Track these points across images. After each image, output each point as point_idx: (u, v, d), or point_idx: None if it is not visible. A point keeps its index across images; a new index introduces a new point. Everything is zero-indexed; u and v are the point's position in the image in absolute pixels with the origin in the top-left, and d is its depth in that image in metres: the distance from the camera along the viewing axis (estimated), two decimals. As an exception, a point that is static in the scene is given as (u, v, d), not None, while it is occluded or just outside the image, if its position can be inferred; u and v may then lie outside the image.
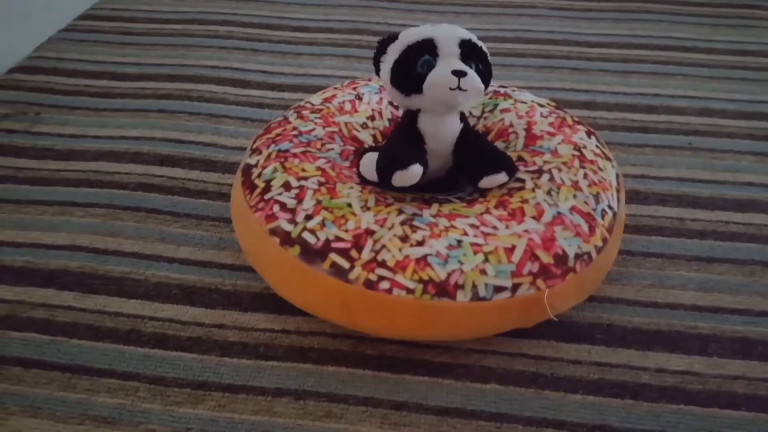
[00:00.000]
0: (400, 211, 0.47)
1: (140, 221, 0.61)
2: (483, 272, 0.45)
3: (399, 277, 0.44)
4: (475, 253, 0.45)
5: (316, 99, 0.60)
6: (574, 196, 0.49)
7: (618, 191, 0.53)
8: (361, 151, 0.55)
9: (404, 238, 0.45)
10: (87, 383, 0.47)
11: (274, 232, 0.47)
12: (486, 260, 0.45)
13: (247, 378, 0.48)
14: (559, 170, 0.51)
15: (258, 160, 0.53)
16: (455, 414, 0.45)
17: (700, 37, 0.93)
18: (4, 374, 0.47)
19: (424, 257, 0.45)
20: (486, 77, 0.49)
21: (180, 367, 0.48)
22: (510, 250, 0.45)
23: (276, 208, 0.48)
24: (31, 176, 0.66)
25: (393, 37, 0.50)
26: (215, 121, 0.75)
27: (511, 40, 0.93)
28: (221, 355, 0.49)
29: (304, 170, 0.50)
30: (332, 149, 0.54)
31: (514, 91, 0.61)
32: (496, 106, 0.59)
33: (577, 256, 0.47)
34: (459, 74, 0.46)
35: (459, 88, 0.46)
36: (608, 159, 0.55)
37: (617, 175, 0.54)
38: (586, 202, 0.49)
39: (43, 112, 0.76)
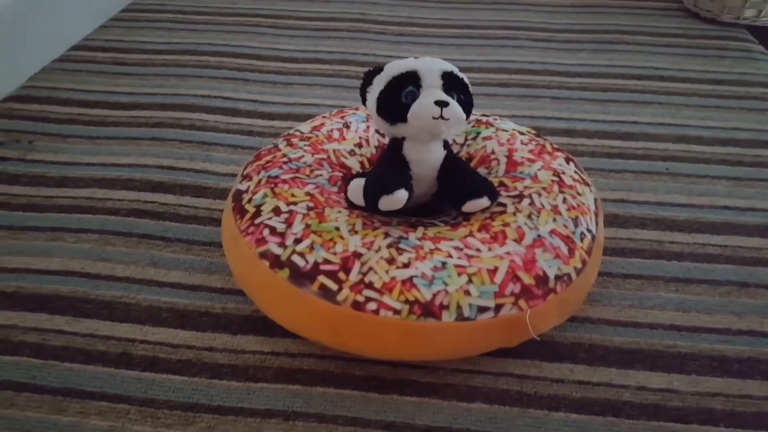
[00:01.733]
0: (386, 235, 0.49)
1: (132, 246, 0.62)
2: (467, 293, 0.46)
3: (386, 299, 0.45)
4: (459, 274, 0.46)
5: (305, 127, 0.62)
6: (554, 220, 0.51)
7: (596, 215, 0.55)
8: (348, 177, 0.57)
9: (391, 261, 0.47)
10: (78, 406, 0.47)
11: (263, 255, 0.49)
12: (470, 281, 0.46)
13: (236, 400, 0.48)
14: (539, 195, 0.53)
15: (248, 186, 0.54)
16: (442, 433, 0.46)
17: (676, 67, 0.97)
18: (-4, 398, 0.48)
19: (410, 279, 0.46)
20: (467, 107, 0.51)
21: (170, 389, 0.49)
22: (493, 272, 0.47)
23: (266, 232, 0.50)
24: (24, 203, 0.67)
25: (378, 69, 0.52)
26: (206, 148, 0.77)
27: (493, 70, 0.96)
28: (211, 378, 0.50)
29: (293, 195, 0.52)
30: (321, 175, 0.56)
31: (495, 119, 0.64)
32: (478, 134, 0.62)
33: (558, 278, 0.49)
34: (441, 104, 0.48)
35: (441, 117, 0.48)
36: (586, 184, 0.57)
37: (595, 200, 0.56)
38: (565, 226, 0.51)
39: (37, 140, 0.78)
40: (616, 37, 1.06)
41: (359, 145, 0.61)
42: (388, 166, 0.51)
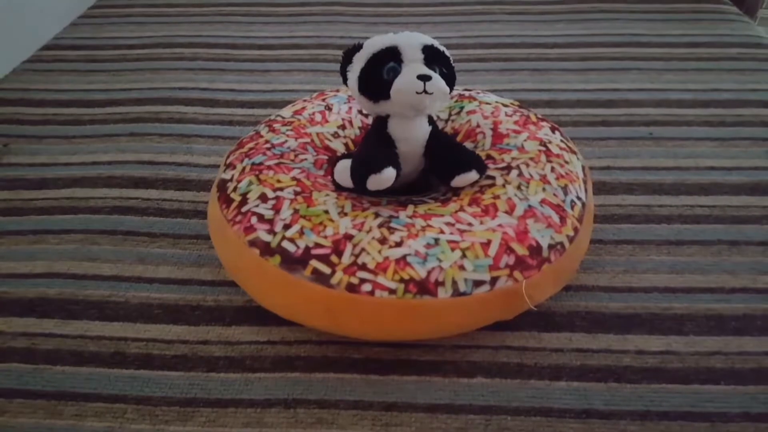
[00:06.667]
0: (376, 215, 0.48)
1: (117, 244, 0.61)
2: (462, 268, 0.45)
3: (380, 279, 0.45)
4: (453, 249, 0.46)
5: (286, 112, 0.61)
6: (543, 189, 0.51)
7: (585, 182, 0.55)
8: (334, 159, 0.56)
9: (383, 240, 0.46)
10: (73, 409, 0.46)
11: (253, 243, 0.48)
12: (464, 256, 0.46)
13: (235, 391, 0.48)
14: (527, 165, 0.53)
15: (233, 175, 0.53)
16: (445, 410, 0.46)
17: (653, 32, 0.97)
18: (-13, 407, 0.47)
19: (404, 257, 0.45)
20: (450, 80, 0.50)
21: (167, 385, 0.48)
22: (486, 245, 0.47)
23: (254, 219, 0.49)
24: (2, 207, 0.66)
25: (358, 47, 0.51)
26: (186, 141, 0.75)
27: (472, 46, 0.95)
28: (208, 371, 0.49)
29: (279, 181, 0.51)
30: (306, 159, 0.55)
31: (478, 93, 0.63)
32: (462, 108, 0.61)
33: (551, 247, 0.48)
34: (424, 78, 0.47)
35: (425, 91, 0.47)
36: (573, 152, 0.56)
37: (583, 167, 0.56)
38: (555, 195, 0.51)
39: (12, 143, 0.76)
40: (593, 6, 1.06)
41: (342, 127, 0.60)
42: (374, 145, 0.51)
